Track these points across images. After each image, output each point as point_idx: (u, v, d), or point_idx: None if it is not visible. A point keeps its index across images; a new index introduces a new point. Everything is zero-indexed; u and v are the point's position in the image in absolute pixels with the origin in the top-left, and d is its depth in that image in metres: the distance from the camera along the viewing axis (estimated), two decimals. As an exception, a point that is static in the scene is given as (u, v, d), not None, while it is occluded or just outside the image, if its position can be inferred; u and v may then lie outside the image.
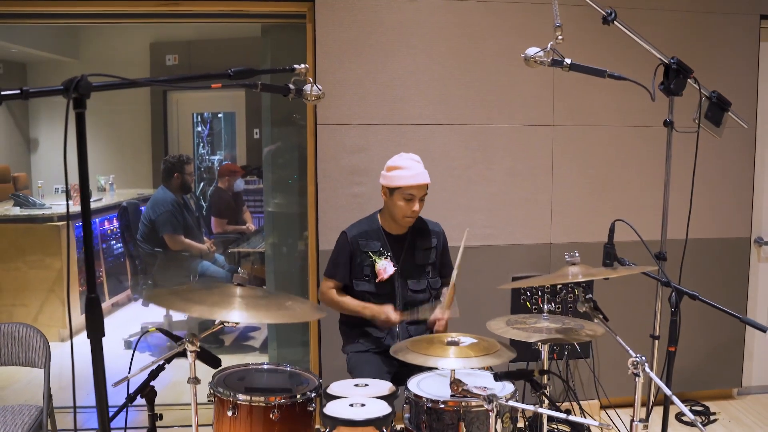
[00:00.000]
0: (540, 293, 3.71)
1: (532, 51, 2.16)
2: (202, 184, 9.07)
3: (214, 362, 2.20)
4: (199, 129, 9.51)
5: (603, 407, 3.89)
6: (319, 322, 3.63)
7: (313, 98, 2.02)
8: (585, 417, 3.76)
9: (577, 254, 2.09)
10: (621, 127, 3.74)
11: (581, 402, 3.80)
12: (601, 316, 2.06)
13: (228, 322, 1.95)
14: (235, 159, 9.30)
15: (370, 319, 2.81)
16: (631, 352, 1.91)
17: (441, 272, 2.99)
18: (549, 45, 2.12)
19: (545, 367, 2.48)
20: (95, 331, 1.51)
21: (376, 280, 2.82)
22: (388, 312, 2.76)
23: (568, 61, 2.18)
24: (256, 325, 5.66)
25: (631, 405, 3.83)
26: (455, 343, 2.05)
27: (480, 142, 3.60)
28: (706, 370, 4.09)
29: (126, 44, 7.54)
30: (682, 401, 4.08)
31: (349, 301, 2.88)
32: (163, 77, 1.66)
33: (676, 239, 3.84)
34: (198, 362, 2.19)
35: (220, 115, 9.69)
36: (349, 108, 3.47)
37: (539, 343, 2.40)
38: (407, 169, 2.78)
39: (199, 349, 2.02)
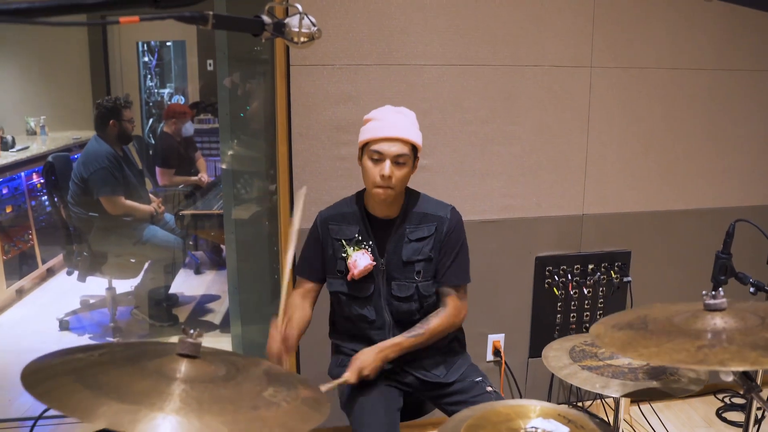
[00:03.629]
0: (569, 276, 3.02)
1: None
2: (151, 121, 8.10)
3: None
4: (146, 59, 8.48)
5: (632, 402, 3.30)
6: None
7: (303, 38, 1.21)
8: (605, 413, 3.17)
9: (722, 293, 1.30)
10: (672, 69, 2.98)
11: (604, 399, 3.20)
12: (757, 389, 1.35)
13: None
14: (186, 92, 8.34)
15: None
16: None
17: (437, 274, 2.11)
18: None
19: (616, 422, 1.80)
20: None
21: (348, 278, 2.05)
22: (270, 355, 1.91)
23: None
24: (215, 294, 4.91)
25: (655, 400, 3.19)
26: (538, 438, 1.33)
27: (501, 88, 2.81)
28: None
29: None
30: (717, 391, 3.56)
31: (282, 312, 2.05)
32: (18, 5, 0.81)
33: (737, 207, 3.23)
34: None
35: (168, 44, 8.65)
36: (333, 44, 2.63)
37: (622, 399, 1.69)
38: (379, 120, 2.01)
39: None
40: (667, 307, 1.41)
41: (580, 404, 3.19)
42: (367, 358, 1.97)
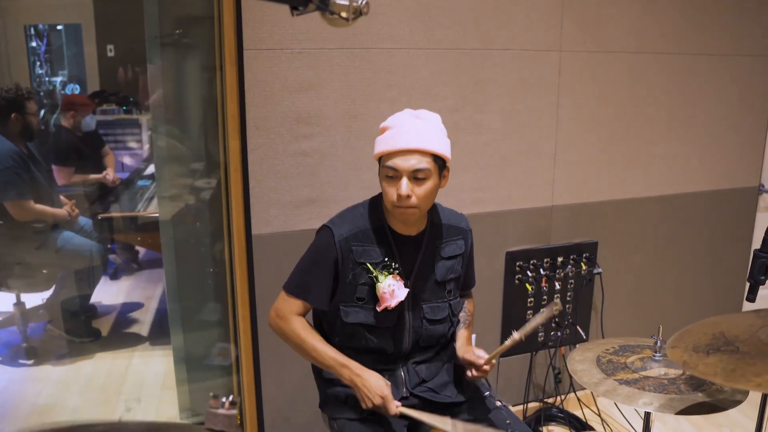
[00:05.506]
0: (540, 271, 2.89)
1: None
2: (43, 112, 7.41)
3: None
4: (34, 44, 7.74)
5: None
6: (253, 311, 2.57)
7: (351, 13, 0.96)
8: (581, 408, 3.09)
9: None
10: (640, 53, 2.89)
11: (577, 392, 3.12)
12: None
13: None
14: (84, 80, 7.66)
15: (349, 384, 1.77)
16: None
17: (463, 283, 1.99)
18: None
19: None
20: None
21: (378, 308, 1.79)
22: (385, 397, 1.70)
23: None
24: (137, 302, 4.49)
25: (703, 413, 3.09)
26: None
27: (470, 73, 2.62)
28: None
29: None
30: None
31: (322, 349, 1.78)
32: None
33: (699, 192, 3.21)
34: None
35: (59, 28, 7.92)
36: (292, 26, 2.34)
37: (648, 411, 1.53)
38: (392, 128, 1.74)
39: None
40: (733, 320, 1.27)
41: (554, 401, 3.08)
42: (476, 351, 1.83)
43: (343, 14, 0.94)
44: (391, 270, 1.77)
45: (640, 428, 2.95)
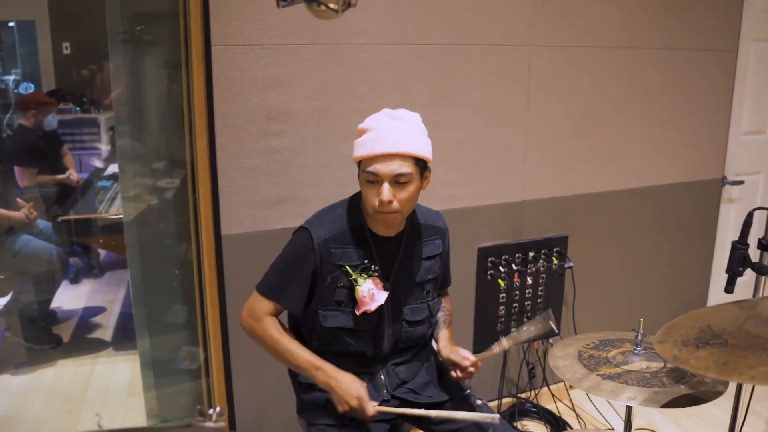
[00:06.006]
0: (512, 266, 2.89)
1: None
2: (-6, 111, 7.16)
3: None
4: (-15, 42, 7.50)
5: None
6: (223, 313, 2.51)
7: (340, 5, 0.92)
8: (555, 402, 3.11)
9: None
10: (609, 48, 2.91)
11: (550, 387, 3.13)
12: None
13: None
14: (38, 80, 7.43)
15: (323, 387, 1.72)
16: None
17: (440, 285, 1.97)
18: None
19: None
20: None
21: (357, 312, 1.74)
22: (361, 399, 1.66)
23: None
24: (99, 306, 4.37)
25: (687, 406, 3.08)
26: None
27: (441, 69, 2.60)
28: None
29: None
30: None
31: (296, 351, 1.72)
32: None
33: (667, 184, 3.25)
34: None
35: (11, 25, 7.68)
36: (262, 21, 2.29)
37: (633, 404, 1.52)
38: (371, 131, 1.68)
39: None
40: (718, 312, 1.27)
41: (527, 396, 3.09)
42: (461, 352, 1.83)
43: (332, 5, 0.89)
44: (370, 273, 1.73)
45: (613, 419, 2.98)
